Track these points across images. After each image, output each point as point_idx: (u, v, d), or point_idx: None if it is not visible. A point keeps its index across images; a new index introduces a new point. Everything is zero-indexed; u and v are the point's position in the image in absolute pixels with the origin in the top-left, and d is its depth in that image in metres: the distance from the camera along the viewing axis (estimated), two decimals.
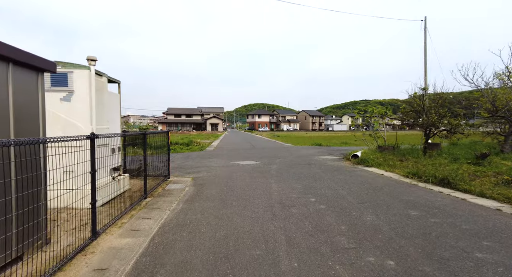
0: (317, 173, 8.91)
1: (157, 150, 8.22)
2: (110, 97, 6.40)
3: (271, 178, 8.08)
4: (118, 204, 5.38)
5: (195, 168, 10.14)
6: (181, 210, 5.11)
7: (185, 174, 9.07)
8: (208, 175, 8.79)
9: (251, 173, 9.08)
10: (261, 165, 10.82)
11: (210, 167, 10.48)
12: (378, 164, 10.45)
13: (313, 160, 12.31)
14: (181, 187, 7.20)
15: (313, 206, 5.24)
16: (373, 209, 5.00)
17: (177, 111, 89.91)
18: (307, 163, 11.32)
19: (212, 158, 13.43)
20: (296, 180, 7.76)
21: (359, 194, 6.20)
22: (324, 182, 7.49)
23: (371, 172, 9.25)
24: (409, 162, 10.09)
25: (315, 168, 9.98)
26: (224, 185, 7.21)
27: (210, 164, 11.31)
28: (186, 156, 14.38)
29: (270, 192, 6.36)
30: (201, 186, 7.22)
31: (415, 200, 5.62)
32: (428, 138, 10.96)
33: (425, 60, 15.80)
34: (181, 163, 11.68)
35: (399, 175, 8.61)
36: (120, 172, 7.00)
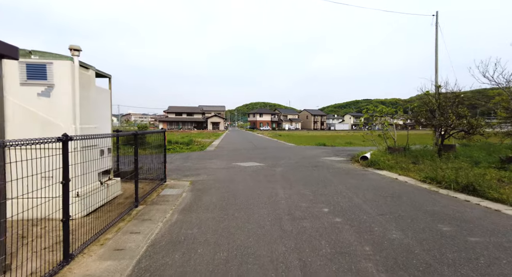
0: (326, 177, 8.24)
1: (152, 151, 7.57)
2: (98, 93, 5.74)
3: (277, 183, 7.41)
4: (105, 214, 4.73)
5: (194, 170, 9.49)
6: (175, 223, 4.45)
7: (183, 177, 8.41)
8: (208, 178, 8.13)
9: (254, 176, 8.41)
10: (264, 167, 10.15)
11: (210, 169, 9.82)
12: (390, 167, 9.76)
13: (320, 162, 11.63)
14: (177, 192, 6.55)
15: (328, 218, 4.57)
16: (396, 223, 4.33)
17: (178, 109, 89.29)
18: (314, 165, 10.64)
19: (212, 159, 12.77)
20: (304, 185, 7.09)
21: (376, 203, 5.52)
22: (335, 188, 6.81)
23: (383, 176, 8.57)
24: (423, 165, 9.39)
25: (323, 171, 9.30)
26: (225, 191, 6.55)
27: (210, 165, 10.65)
28: (186, 156, 13.73)
29: (276, 200, 5.69)
30: (199, 191, 6.56)
31: (441, 211, 4.93)
32: (443, 139, 10.26)
33: (436, 57, 15.06)
34: (180, 164, 11.02)
35: (415, 179, 7.92)
36: (111, 176, 6.35)
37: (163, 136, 7.73)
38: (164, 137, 7.72)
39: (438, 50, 14.99)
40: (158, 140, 7.74)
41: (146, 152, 7.37)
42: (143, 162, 7.20)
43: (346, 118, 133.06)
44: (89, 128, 5.25)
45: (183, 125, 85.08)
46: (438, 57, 15.05)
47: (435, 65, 15.06)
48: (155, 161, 7.42)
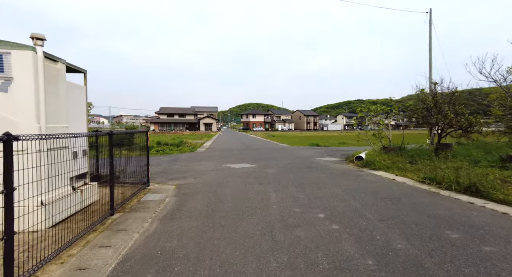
0: (320, 179, 7.81)
1: (135, 153, 7.02)
2: (70, 89, 5.19)
3: (269, 185, 6.94)
4: (75, 224, 4.18)
5: (181, 173, 8.95)
6: (153, 233, 3.93)
7: (168, 180, 7.87)
8: (195, 181, 7.61)
9: (245, 178, 7.93)
10: (256, 169, 9.68)
11: (198, 171, 9.30)
12: (386, 167, 9.41)
13: (313, 163, 11.22)
14: (160, 198, 6.02)
15: (324, 225, 4.12)
16: (400, 230, 3.91)
17: (170, 110, 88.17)
18: (307, 166, 10.22)
19: (202, 160, 12.24)
20: (297, 188, 6.64)
21: (375, 206, 5.11)
22: (331, 190, 6.38)
23: (380, 177, 8.20)
24: (420, 164, 9.06)
25: (317, 172, 8.88)
26: (212, 195, 6.04)
27: (199, 167, 10.12)
28: (174, 158, 13.15)
29: (268, 205, 5.23)
30: (184, 196, 6.05)
31: (446, 215, 4.55)
32: (440, 137, 9.97)
33: (430, 55, 14.87)
34: (167, 166, 10.46)
35: (414, 180, 7.57)
36: (87, 180, 5.80)
37: (145, 137, 7.18)
38: (146, 138, 7.17)
39: (432, 48, 14.81)
40: (140, 141, 7.19)
41: (128, 154, 6.81)
42: (123, 165, 6.66)
43: (339, 119, 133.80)
44: (57, 127, 4.70)
45: (175, 127, 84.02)
46: (432, 55, 14.86)
47: (429, 63, 14.88)
48: (137, 163, 6.87)
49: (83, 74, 5.82)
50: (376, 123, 14.50)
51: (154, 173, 8.97)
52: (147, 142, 7.17)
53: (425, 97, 9.91)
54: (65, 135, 3.66)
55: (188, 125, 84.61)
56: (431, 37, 14.82)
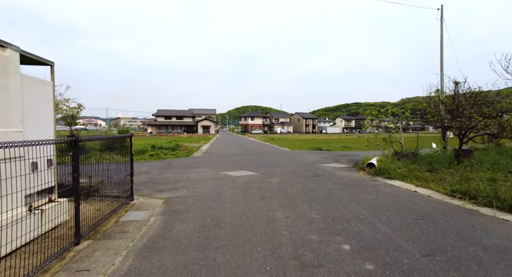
0: (332, 191, 6.79)
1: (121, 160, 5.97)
2: (29, 84, 4.15)
3: (274, 200, 5.90)
4: (22, 260, 3.16)
5: (173, 183, 7.89)
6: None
7: (157, 192, 6.82)
8: (187, 194, 6.56)
9: (246, 190, 6.88)
10: (257, 178, 8.64)
11: (193, 180, 8.24)
12: (403, 176, 8.41)
13: (320, 170, 10.20)
14: (144, 217, 4.96)
15: (353, 265, 3.09)
16: (460, 274, 2.89)
17: (168, 113, 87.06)
18: (314, 174, 9.19)
19: (198, 167, 11.18)
20: (308, 204, 5.61)
21: (410, 231, 4.09)
22: (348, 207, 5.36)
23: (399, 188, 7.19)
24: (441, 173, 8.08)
25: (327, 182, 7.86)
26: (207, 213, 5.00)
27: (194, 176, 9.06)
28: (167, 164, 12.08)
29: (275, 229, 4.19)
30: (173, 215, 5.00)
31: (510, 248, 3.53)
32: (462, 143, 8.99)
33: (441, 54, 13.97)
34: (158, 174, 9.39)
35: (439, 192, 6.56)
36: (53, 196, 4.75)
37: (129, 143, 6.13)
38: (130, 143, 6.12)
39: (443, 46, 13.91)
40: (124, 147, 6.14)
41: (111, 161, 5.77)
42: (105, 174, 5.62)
43: (338, 121, 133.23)
44: (7, 132, 3.66)
45: (173, 129, 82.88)
46: (443, 54, 13.97)
47: (440, 63, 13.97)
48: (121, 173, 5.83)
49: (49, 66, 4.79)
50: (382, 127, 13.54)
51: (142, 183, 7.91)
52: (130, 149, 6.12)
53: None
54: (10, 144, 2.63)
55: (186, 128, 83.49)
56: (442, 35, 13.93)
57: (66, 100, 18.19)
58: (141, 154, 16.82)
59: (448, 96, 8.97)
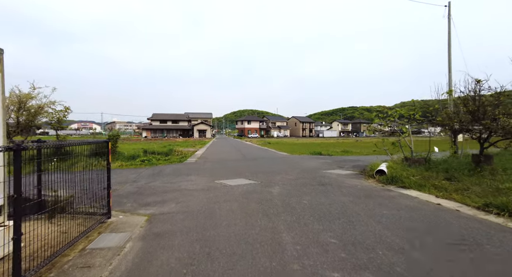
0: (344, 204, 5.88)
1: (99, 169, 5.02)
2: None
3: (278, 218, 4.97)
4: None
5: (161, 194, 6.92)
6: None
7: (141, 206, 5.85)
8: (176, 209, 5.60)
9: (245, 204, 5.94)
10: (257, 187, 7.70)
11: (184, 191, 7.28)
12: (419, 185, 7.55)
13: (325, 178, 9.30)
14: (119, 242, 4.00)
15: None
16: None
17: (163, 117, 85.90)
18: (320, 183, 8.29)
19: (191, 174, 10.20)
20: (320, 222, 4.69)
21: (456, 264, 3.19)
22: (368, 227, 4.45)
23: (419, 200, 6.32)
24: (463, 182, 7.24)
25: (336, 193, 6.95)
26: (197, 238, 4.05)
27: (185, 185, 8.10)
28: (158, 171, 11.09)
29: (284, 262, 3.25)
30: (156, 239, 4.05)
31: None
32: (483, 148, 8.17)
33: (449, 54, 13.27)
34: (146, 183, 8.41)
35: (467, 206, 5.69)
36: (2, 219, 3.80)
37: (106, 149, 5.17)
38: (107, 151, 5.16)
39: (451, 45, 13.22)
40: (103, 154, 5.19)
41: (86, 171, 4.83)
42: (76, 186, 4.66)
43: (334, 125, 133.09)
44: None
45: (168, 133, 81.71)
46: (451, 54, 13.27)
47: (448, 63, 13.26)
48: (97, 185, 4.88)
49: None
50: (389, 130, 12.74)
51: (126, 194, 6.94)
52: (107, 158, 5.16)
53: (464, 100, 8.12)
54: None
55: (182, 132, 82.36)
56: (450, 34, 13.24)
57: (52, 103, 17.08)
58: (132, 160, 15.81)
59: (466, 96, 8.17)
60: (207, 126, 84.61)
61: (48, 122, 16.51)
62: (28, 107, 15.72)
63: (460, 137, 12.52)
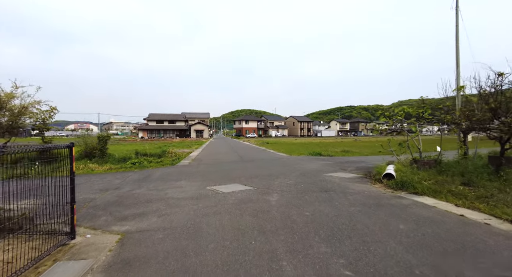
0: (353, 216, 5.06)
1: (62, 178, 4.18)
2: None
3: (277, 236, 4.14)
4: None
5: (143, 205, 6.06)
6: None
7: (117, 221, 5.00)
8: (156, 225, 4.75)
9: (237, 218, 5.10)
10: (253, 195, 6.87)
11: (170, 200, 6.42)
12: (433, 191, 6.76)
13: (328, 182, 8.49)
14: (76, 275, 3.15)
15: None
16: None
17: (159, 117, 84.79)
18: (323, 189, 7.47)
19: (181, 179, 9.34)
20: (327, 243, 3.86)
21: None
22: (387, 249, 3.64)
23: (437, 210, 5.51)
24: (484, 188, 6.45)
25: (342, 201, 6.13)
26: (175, 269, 3.20)
27: (172, 193, 7.24)
28: (146, 176, 10.22)
29: None
30: (123, 270, 3.20)
31: None
32: (504, 149, 7.39)
33: (456, 48, 12.49)
34: (129, 191, 7.54)
35: (499, 219, 4.87)
36: None
37: (68, 157, 4.31)
38: (70, 158, 4.31)
39: (459, 39, 12.44)
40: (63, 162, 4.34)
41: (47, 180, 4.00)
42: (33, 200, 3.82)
43: (332, 125, 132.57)
44: None
45: (165, 134, 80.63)
46: (459, 47, 12.49)
47: (455, 58, 12.48)
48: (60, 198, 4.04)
49: None
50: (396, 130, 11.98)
51: (104, 204, 6.08)
52: (71, 165, 4.30)
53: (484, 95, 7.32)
54: None
55: (178, 132, 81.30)
56: (457, 27, 12.47)
57: (38, 103, 16.08)
58: (122, 163, 14.94)
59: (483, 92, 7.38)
60: (205, 126, 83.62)
61: (32, 123, 15.58)
62: (10, 107, 14.82)
63: (469, 136, 11.77)
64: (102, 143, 16.71)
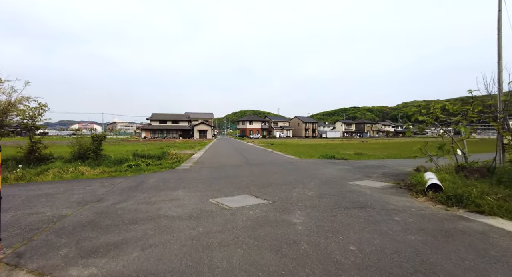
0: (419, 253, 3.49)
1: None
2: None
3: None
4: None
5: (123, 228, 4.53)
6: None
7: (81, 257, 3.47)
8: (135, 267, 3.20)
9: (254, 253, 3.55)
10: (269, 213, 5.31)
11: (161, 220, 4.89)
12: (506, 210, 5.16)
13: (358, 193, 6.91)
14: None
15: None
16: None
17: (162, 117, 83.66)
18: (356, 204, 5.90)
19: (178, 188, 7.82)
20: None
21: None
22: None
23: None
24: None
25: (390, 224, 4.55)
26: None
27: (166, 208, 5.71)
28: (138, 182, 8.70)
29: None
30: None
31: None
32: None
33: (498, 38, 10.82)
34: (112, 204, 6.02)
35: None
36: None
37: None
38: None
39: (501, 27, 10.79)
40: None
41: None
42: None
43: (338, 126, 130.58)
44: None
45: (168, 134, 79.47)
46: (501, 37, 10.83)
47: (497, 48, 10.83)
48: None
49: None
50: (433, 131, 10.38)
51: (73, 227, 4.57)
52: None
53: None
54: None
55: (182, 132, 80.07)
56: (500, 11, 10.83)
57: (26, 99, 14.72)
58: (118, 165, 13.51)
59: None
60: (208, 126, 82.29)
61: (19, 121, 14.20)
62: None
63: None
64: (96, 144, 15.30)
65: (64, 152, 16.71)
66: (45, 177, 10.16)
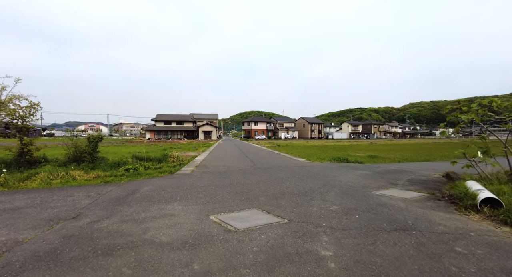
0: None
1: None
2: None
3: None
4: None
5: (92, 265, 3.34)
6: None
7: None
8: None
9: None
10: (287, 239, 4.07)
11: (145, 250, 3.68)
12: None
13: (390, 208, 5.63)
14: None
15: None
16: None
17: (167, 117, 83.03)
18: (395, 225, 4.63)
19: (175, 199, 6.62)
20: None
21: None
22: None
23: None
24: None
25: (463, 265, 3.27)
26: None
27: (155, 229, 4.51)
28: (129, 192, 7.52)
29: None
30: None
31: None
32: None
33: None
34: (90, 223, 4.84)
35: None
36: None
37: None
38: None
39: None
40: None
41: None
42: None
43: (344, 126, 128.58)
44: None
45: (172, 135, 78.76)
46: None
47: None
48: None
49: None
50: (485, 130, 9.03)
51: (21, 262, 3.39)
52: None
53: None
54: None
55: (186, 133, 79.27)
56: None
57: (17, 97, 13.69)
58: (115, 169, 12.44)
59: None
60: (213, 127, 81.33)
61: (8, 121, 13.23)
62: None
63: None
64: (92, 146, 14.25)
65: (60, 155, 15.68)
66: (31, 183, 9.10)
